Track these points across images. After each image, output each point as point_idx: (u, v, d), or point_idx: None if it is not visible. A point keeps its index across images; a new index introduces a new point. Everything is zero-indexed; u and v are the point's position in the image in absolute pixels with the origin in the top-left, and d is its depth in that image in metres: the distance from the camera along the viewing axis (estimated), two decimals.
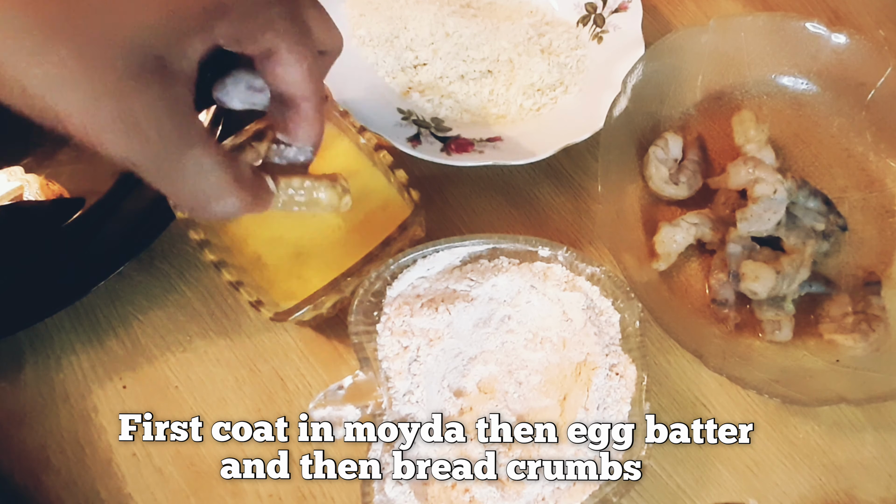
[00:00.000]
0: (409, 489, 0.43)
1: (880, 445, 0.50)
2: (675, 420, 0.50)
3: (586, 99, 0.56)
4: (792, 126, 0.58)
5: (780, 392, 0.46)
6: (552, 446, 0.44)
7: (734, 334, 0.51)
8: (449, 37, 0.58)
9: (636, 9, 0.58)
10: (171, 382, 0.51)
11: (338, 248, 0.49)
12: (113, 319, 0.53)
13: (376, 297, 0.47)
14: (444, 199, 0.57)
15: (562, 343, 0.48)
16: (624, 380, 0.46)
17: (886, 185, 0.56)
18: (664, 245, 0.52)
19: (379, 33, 0.58)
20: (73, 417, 0.50)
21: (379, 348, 0.46)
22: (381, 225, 0.48)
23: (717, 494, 0.49)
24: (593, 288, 0.48)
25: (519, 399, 0.47)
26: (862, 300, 0.51)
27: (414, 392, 0.45)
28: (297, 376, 0.51)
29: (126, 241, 0.51)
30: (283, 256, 0.49)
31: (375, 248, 0.46)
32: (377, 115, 0.54)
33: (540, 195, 0.57)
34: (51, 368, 0.51)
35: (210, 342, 0.52)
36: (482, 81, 0.58)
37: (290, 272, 0.49)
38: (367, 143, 0.50)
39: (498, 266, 0.48)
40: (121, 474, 0.49)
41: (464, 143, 0.54)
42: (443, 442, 0.45)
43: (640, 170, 0.55)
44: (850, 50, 0.56)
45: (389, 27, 0.59)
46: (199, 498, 0.48)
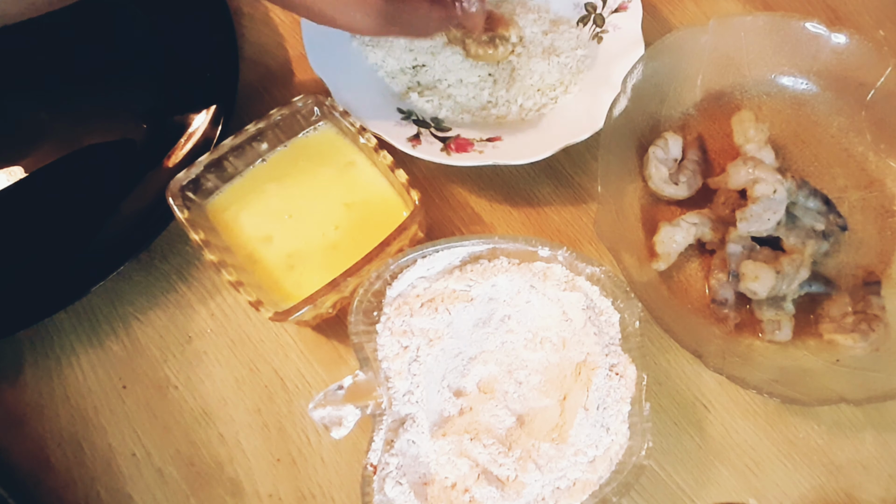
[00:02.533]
0: (409, 489, 0.43)
1: (880, 445, 0.50)
2: (675, 420, 0.50)
3: (586, 99, 0.56)
4: (792, 126, 0.58)
5: (780, 392, 0.46)
6: (552, 446, 0.44)
7: (734, 334, 0.51)
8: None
9: (636, 9, 0.58)
10: (171, 382, 0.51)
11: (337, 247, 0.49)
12: (113, 319, 0.53)
13: (376, 297, 0.47)
14: (444, 199, 0.57)
15: (562, 343, 0.48)
16: (624, 380, 0.46)
17: (886, 185, 0.56)
18: (664, 245, 0.52)
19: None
20: (73, 417, 0.50)
21: (379, 348, 0.46)
22: (381, 225, 0.48)
23: (717, 494, 0.49)
24: (593, 288, 0.48)
25: (519, 399, 0.47)
26: (862, 300, 0.51)
27: (414, 392, 0.45)
28: (297, 376, 0.51)
29: (126, 241, 0.51)
30: (282, 256, 0.49)
31: (375, 248, 0.46)
32: (377, 115, 0.54)
33: (540, 195, 0.57)
34: (51, 368, 0.51)
35: (210, 342, 0.52)
36: (482, 84, 0.58)
37: (289, 272, 0.49)
38: (367, 143, 0.50)
39: (498, 266, 0.48)
40: (121, 474, 0.49)
41: (464, 142, 0.54)
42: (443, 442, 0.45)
43: (640, 170, 0.55)
44: (849, 50, 0.56)
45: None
46: (199, 498, 0.48)
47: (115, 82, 0.58)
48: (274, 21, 0.62)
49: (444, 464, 0.44)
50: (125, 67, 0.58)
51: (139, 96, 0.58)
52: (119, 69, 0.58)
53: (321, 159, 0.52)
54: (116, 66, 0.58)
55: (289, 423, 0.50)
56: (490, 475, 0.44)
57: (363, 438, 0.48)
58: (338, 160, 0.52)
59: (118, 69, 0.58)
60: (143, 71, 0.58)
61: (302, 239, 0.50)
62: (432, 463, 0.44)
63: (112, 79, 0.58)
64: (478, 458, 0.44)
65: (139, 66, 0.58)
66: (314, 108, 0.52)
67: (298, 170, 0.51)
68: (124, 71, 0.58)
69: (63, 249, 0.52)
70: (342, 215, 0.50)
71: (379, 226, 0.48)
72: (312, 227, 0.50)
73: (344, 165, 0.51)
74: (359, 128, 0.50)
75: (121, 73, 0.58)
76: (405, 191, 0.49)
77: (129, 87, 0.58)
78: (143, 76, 0.58)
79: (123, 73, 0.58)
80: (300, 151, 0.52)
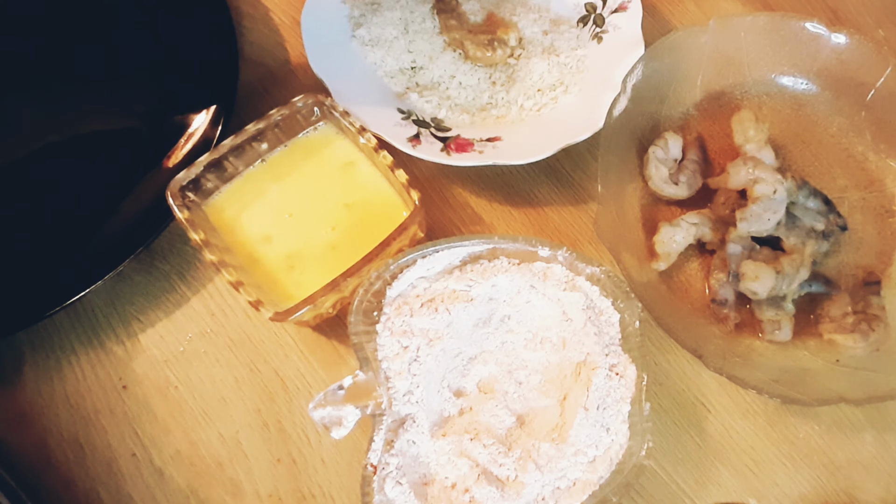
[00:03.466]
0: (409, 489, 0.43)
1: (880, 445, 0.50)
2: (675, 420, 0.50)
3: (586, 99, 0.56)
4: (792, 126, 0.58)
5: (780, 392, 0.46)
6: (552, 446, 0.44)
7: (734, 334, 0.51)
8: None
9: (636, 9, 0.58)
10: (171, 382, 0.51)
11: (337, 248, 0.49)
12: (113, 319, 0.53)
13: (376, 297, 0.47)
14: (444, 199, 0.57)
15: (562, 343, 0.48)
16: (624, 380, 0.46)
17: (886, 185, 0.56)
18: (664, 245, 0.52)
19: (379, 34, 0.58)
20: (73, 417, 0.50)
21: (379, 348, 0.46)
22: (381, 225, 0.48)
23: (717, 494, 0.49)
24: (593, 288, 0.48)
25: (519, 399, 0.47)
26: (862, 300, 0.51)
27: (414, 392, 0.45)
28: (297, 376, 0.51)
29: (126, 241, 0.51)
30: (282, 256, 0.49)
31: (375, 248, 0.46)
32: (377, 115, 0.54)
33: (540, 195, 0.57)
34: (51, 368, 0.51)
35: (210, 342, 0.52)
36: (481, 86, 0.58)
37: (289, 272, 0.49)
38: (367, 143, 0.50)
39: (498, 266, 0.48)
40: (121, 474, 0.49)
41: (464, 142, 0.54)
42: (443, 442, 0.45)
43: (640, 170, 0.55)
44: (849, 50, 0.56)
45: (389, 29, 0.59)
46: (199, 498, 0.48)
47: (115, 82, 0.58)
48: (274, 21, 0.62)
49: (444, 464, 0.44)
50: (125, 67, 0.58)
51: (139, 96, 0.58)
52: (119, 69, 0.58)
53: (321, 159, 0.52)
54: (116, 66, 0.58)
55: (289, 423, 0.50)
56: (490, 475, 0.44)
57: (363, 438, 0.48)
58: (338, 160, 0.52)
59: (118, 69, 0.58)
60: (143, 71, 0.58)
61: (302, 239, 0.50)
62: (432, 463, 0.44)
63: (112, 79, 0.58)
64: (478, 459, 0.44)
65: (139, 66, 0.58)
66: (314, 108, 0.51)
67: (298, 170, 0.51)
68: (124, 71, 0.58)
69: (63, 249, 0.52)
70: (342, 215, 0.50)
71: (379, 226, 0.48)
72: (312, 227, 0.50)
73: (344, 165, 0.51)
74: (359, 128, 0.50)
75: (121, 73, 0.58)
76: (405, 191, 0.49)
77: (129, 87, 0.58)
78: (143, 76, 0.58)
79: (123, 73, 0.58)
80: (300, 151, 0.52)
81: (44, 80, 0.58)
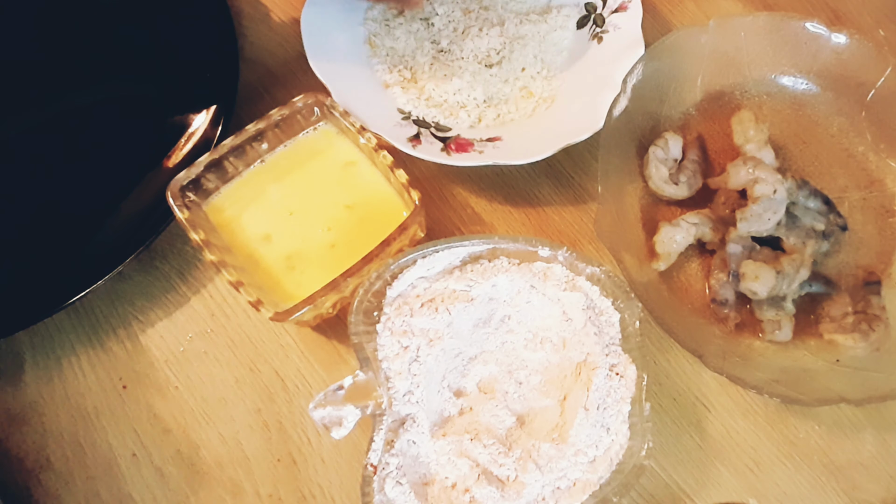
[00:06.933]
0: (409, 489, 0.43)
1: (880, 445, 0.50)
2: (675, 420, 0.50)
3: (586, 99, 0.56)
4: (792, 126, 0.58)
5: (780, 392, 0.46)
6: (552, 446, 0.44)
7: (734, 334, 0.51)
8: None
9: (636, 9, 0.58)
10: (171, 382, 0.51)
11: (337, 247, 0.49)
12: (113, 319, 0.53)
13: (376, 297, 0.47)
14: (444, 199, 0.57)
15: (562, 343, 0.48)
16: (624, 380, 0.46)
17: (886, 185, 0.56)
18: (664, 245, 0.52)
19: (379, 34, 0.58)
20: (73, 417, 0.50)
21: (379, 348, 0.46)
22: (381, 225, 0.48)
23: (717, 494, 0.49)
24: (593, 288, 0.48)
25: (519, 399, 0.47)
26: (862, 300, 0.51)
27: (414, 392, 0.45)
28: (297, 376, 0.51)
29: (126, 241, 0.51)
30: (283, 256, 0.49)
31: (375, 248, 0.46)
32: (377, 115, 0.54)
33: (540, 195, 0.57)
34: (51, 368, 0.51)
35: (210, 342, 0.52)
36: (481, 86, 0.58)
37: (289, 272, 0.49)
38: (367, 143, 0.50)
39: (498, 266, 0.48)
40: (121, 474, 0.49)
41: (464, 142, 0.54)
42: (443, 442, 0.45)
43: (640, 170, 0.55)
44: (850, 50, 0.56)
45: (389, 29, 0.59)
46: (199, 498, 0.48)
47: (115, 82, 0.58)
48: (274, 21, 0.62)
49: (445, 464, 0.44)
50: (125, 67, 0.58)
51: (139, 96, 0.58)
52: (119, 69, 0.58)
53: (321, 159, 0.52)
54: (116, 66, 0.58)
55: (289, 423, 0.50)
56: (490, 475, 0.44)
57: (363, 438, 0.48)
58: (338, 160, 0.52)
59: (118, 69, 0.58)
60: (143, 71, 0.58)
61: (302, 239, 0.50)
62: (432, 463, 0.44)
63: (112, 79, 0.58)
64: (478, 459, 0.44)
65: (139, 66, 0.58)
66: (314, 108, 0.52)
67: (298, 170, 0.51)
68: (124, 71, 0.58)
69: (63, 249, 0.52)
70: (342, 215, 0.50)
71: (379, 226, 0.48)
72: (313, 227, 0.50)
73: (344, 165, 0.51)
74: (359, 128, 0.50)
75: (121, 73, 0.58)
76: (405, 191, 0.49)
77: (129, 87, 0.58)
78: (143, 76, 0.58)
79: (123, 73, 0.58)
80: (300, 151, 0.52)
81: (44, 80, 0.58)
